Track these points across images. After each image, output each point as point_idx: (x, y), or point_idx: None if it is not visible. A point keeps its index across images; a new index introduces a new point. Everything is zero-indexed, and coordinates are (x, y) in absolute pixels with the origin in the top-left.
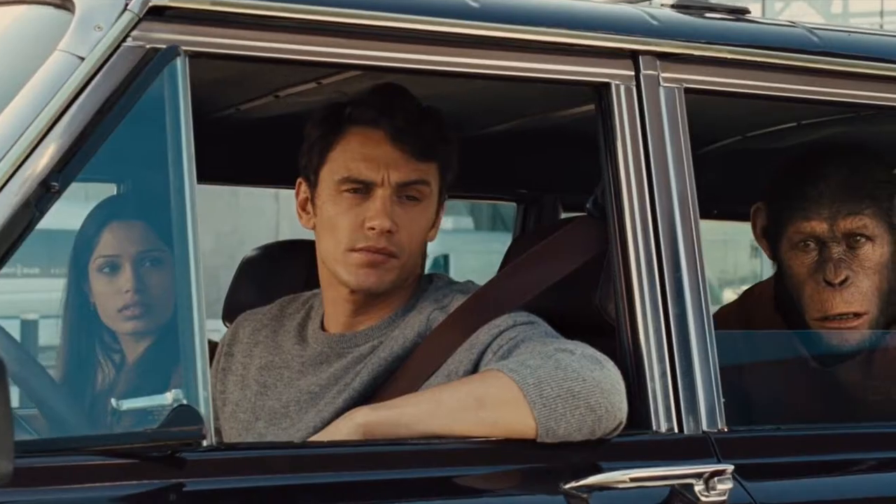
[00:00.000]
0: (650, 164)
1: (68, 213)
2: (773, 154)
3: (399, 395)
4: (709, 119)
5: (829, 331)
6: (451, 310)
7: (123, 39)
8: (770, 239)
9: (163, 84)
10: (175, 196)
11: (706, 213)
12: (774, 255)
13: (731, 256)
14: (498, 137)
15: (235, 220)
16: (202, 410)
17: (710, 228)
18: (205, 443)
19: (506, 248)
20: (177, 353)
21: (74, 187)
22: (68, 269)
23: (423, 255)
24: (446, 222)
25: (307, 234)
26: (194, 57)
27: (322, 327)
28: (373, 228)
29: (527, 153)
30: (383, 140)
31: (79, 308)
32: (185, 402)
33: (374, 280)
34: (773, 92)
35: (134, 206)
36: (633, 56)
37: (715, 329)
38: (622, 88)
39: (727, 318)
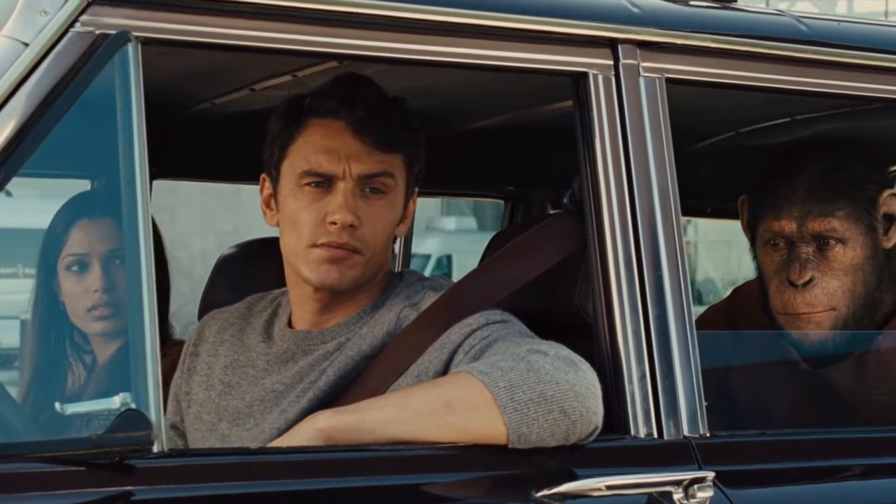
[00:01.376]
0: (629, 157)
1: None
2: (766, 151)
3: (366, 395)
4: (700, 114)
5: (819, 332)
6: (422, 307)
7: (71, 24)
8: (753, 233)
9: (113, 72)
10: (126, 191)
11: (699, 212)
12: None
13: (735, 256)
14: (484, 133)
15: (237, 220)
16: (152, 415)
17: (714, 228)
18: (155, 449)
19: None
20: (126, 355)
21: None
22: (37, 268)
23: (393, 250)
24: (449, 223)
25: None
26: (146, 44)
27: (289, 325)
28: (334, 223)
29: (513, 149)
30: (344, 131)
31: (47, 308)
32: (133, 406)
33: (335, 276)
34: (760, 83)
35: (99, 203)
36: (612, 45)
37: (697, 330)
38: (600, 78)
39: (714, 318)
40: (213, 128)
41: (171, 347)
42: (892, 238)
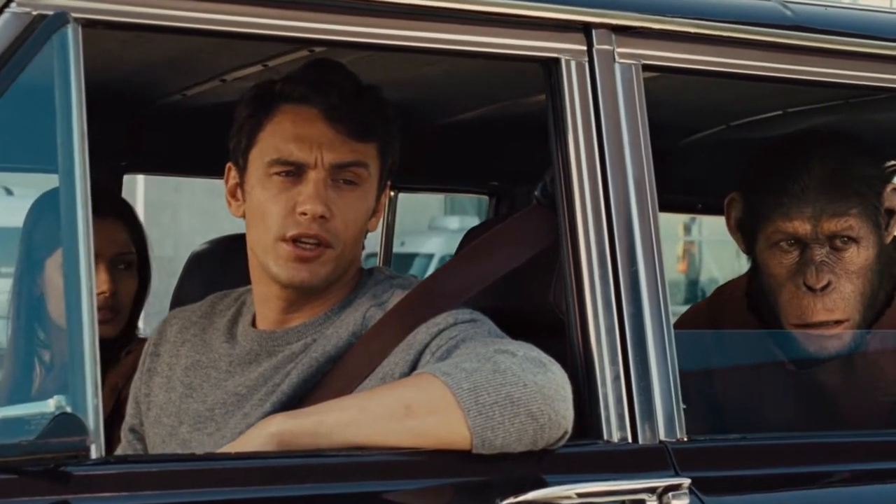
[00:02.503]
0: (604, 147)
1: None
2: (759, 145)
3: (331, 399)
4: (690, 106)
5: (804, 331)
6: (389, 307)
7: (6, 4)
8: (745, 233)
9: (51, 55)
10: (64, 183)
11: (690, 208)
12: (749, 251)
13: (740, 256)
14: (466, 126)
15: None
16: (90, 419)
17: (718, 227)
18: (93, 455)
19: None
20: (62, 356)
21: None
22: (17, 263)
23: (362, 246)
24: (452, 222)
25: None
26: (87, 25)
27: (253, 324)
28: (304, 214)
29: (497, 143)
30: (316, 118)
31: (26, 306)
32: (68, 409)
33: (306, 275)
34: (742, 70)
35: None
36: (586, 29)
37: (678, 329)
38: (573, 65)
39: (696, 318)
40: (185, 120)
41: (136, 345)
42: (891, 233)
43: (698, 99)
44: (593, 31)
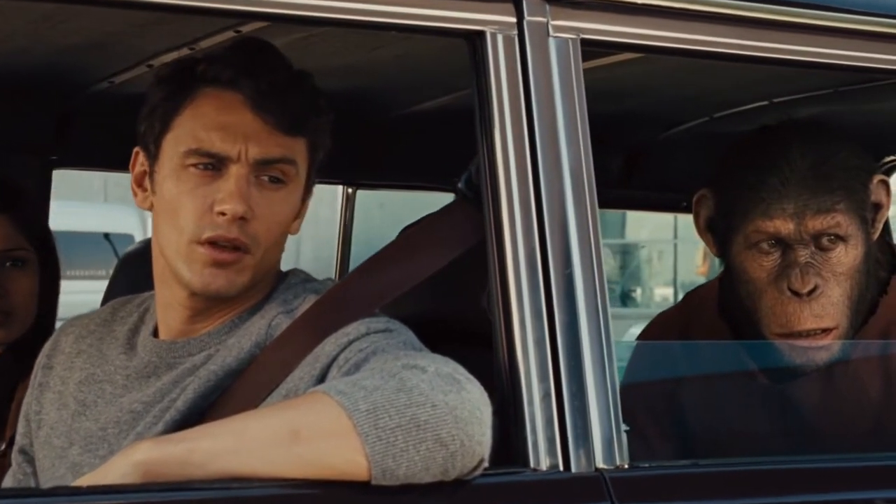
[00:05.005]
0: (535, 134)
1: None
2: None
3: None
4: (668, 96)
5: (784, 342)
6: (298, 314)
7: None
8: (717, 233)
9: None
10: None
11: (674, 207)
12: (721, 253)
13: None
14: (425, 117)
15: None
16: None
17: None
18: None
19: None
20: None
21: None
22: None
23: (281, 250)
24: None
25: (311, 231)
26: None
27: (155, 334)
28: (223, 214)
29: (461, 135)
30: (242, 106)
31: None
32: None
33: (222, 282)
34: (697, 47)
35: None
36: None
37: (640, 340)
38: (500, 38)
39: (665, 325)
40: (115, 111)
41: None
42: (877, 229)
43: (677, 88)
44: (524, 1)
